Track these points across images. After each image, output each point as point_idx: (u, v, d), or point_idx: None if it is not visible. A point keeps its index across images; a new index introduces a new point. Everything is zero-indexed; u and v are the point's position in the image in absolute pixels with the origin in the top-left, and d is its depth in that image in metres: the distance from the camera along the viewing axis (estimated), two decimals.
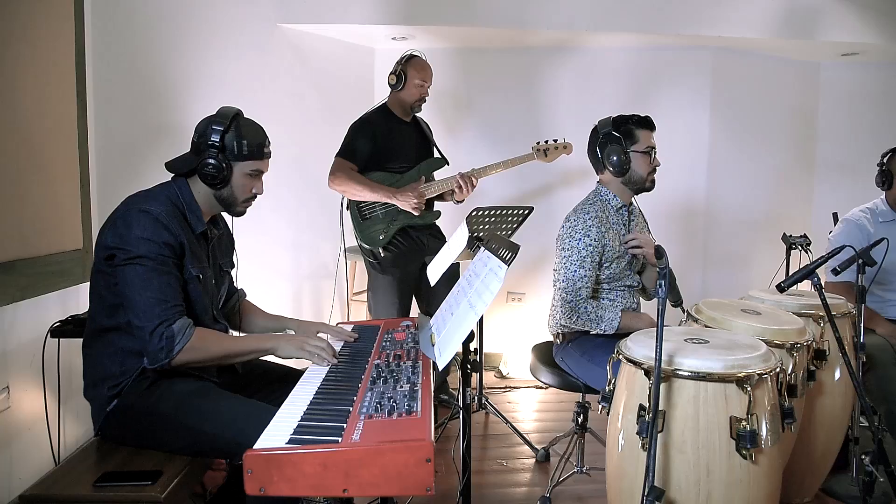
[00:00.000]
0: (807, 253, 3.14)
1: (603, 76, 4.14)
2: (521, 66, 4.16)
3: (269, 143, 1.98)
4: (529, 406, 3.69)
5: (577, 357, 2.44)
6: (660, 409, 1.65)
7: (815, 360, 2.35)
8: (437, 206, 3.35)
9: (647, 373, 1.67)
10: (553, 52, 4.14)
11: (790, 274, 2.13)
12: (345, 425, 1.40)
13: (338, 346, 2.08)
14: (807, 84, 4.44)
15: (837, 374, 2.47)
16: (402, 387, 1.62)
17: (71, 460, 1.81)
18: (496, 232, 3.04)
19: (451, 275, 3.38)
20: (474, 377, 3.25)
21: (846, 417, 2.53)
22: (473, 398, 3.22)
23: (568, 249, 2.40)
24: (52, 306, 2.43)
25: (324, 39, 3.87)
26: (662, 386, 1.65)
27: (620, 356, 1.79)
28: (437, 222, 3.35)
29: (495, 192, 4.07)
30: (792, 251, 3.28)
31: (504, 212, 2.98)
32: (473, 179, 3.18)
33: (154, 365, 1.76)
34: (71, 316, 2.34)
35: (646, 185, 2.53)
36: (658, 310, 1.56)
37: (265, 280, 3.62)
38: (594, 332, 2.42)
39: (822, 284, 2.09)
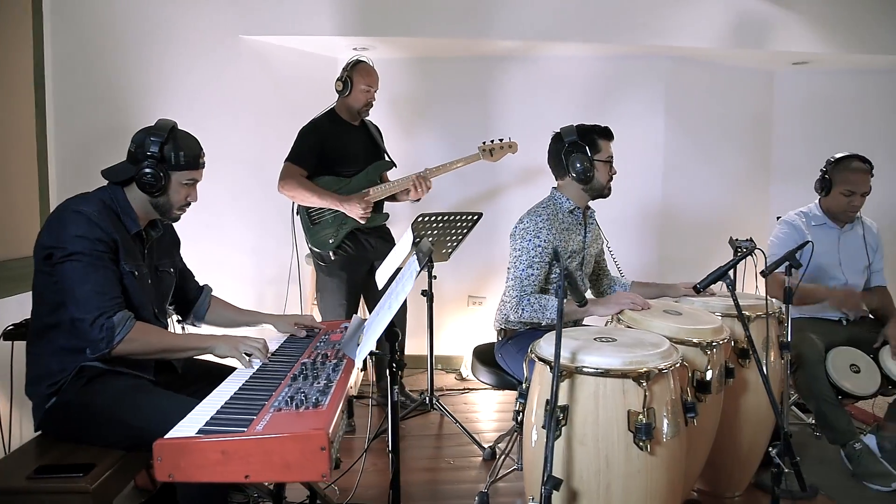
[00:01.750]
0: (752, 256, 3.25)
1: (559, 84, 4.24)
2: (479, 75, 4.27)
3: (204, 154, 2.08)
4: (490, 407, 3.77)
5: (514, 354, 2.53)
6: (563, 403, 1.75)
7: (740, 358, 2.47)
8: (388, 206, 3.43)
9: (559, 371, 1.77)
10: (511, 61, 4.25)
11: (707, 275, 2.23)
12: (254, 417, 1.50)
13: (274, 346, 2.18)
14: (761, 92, 4.56)
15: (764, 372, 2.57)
16: (318, 383, 1.72)
17: (11, 455, 1.90)
18: (444, 238, 3.15)
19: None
20: (425, 378, 3.34)
21: (772, 413, 2.63)
22: (425, 398, 3.31)
23: (519, 249, 2.51)
24: (10, 310, 2.50)
25: (286, 50, 3.97)
26: (566, 382, 1.75)
27: (533, 354, 1.89)
28: (389, 224, 3.44)
29: (450, 196, 4.17)
30: (738, 253, 3.38)
31: (452, 218, 3.07)
32: (428, 180, 3.28)
33: (95, 354, 1.86)
34: (25, 319, 2.42)
35: (604, 193, 2.66)
36: (558, 309, 1.65)
37: (228, 286, 3.70)
38: (545, 324, 2.49)
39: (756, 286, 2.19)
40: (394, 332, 1.95)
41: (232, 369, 2.20)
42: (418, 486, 2.79)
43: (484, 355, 2.70)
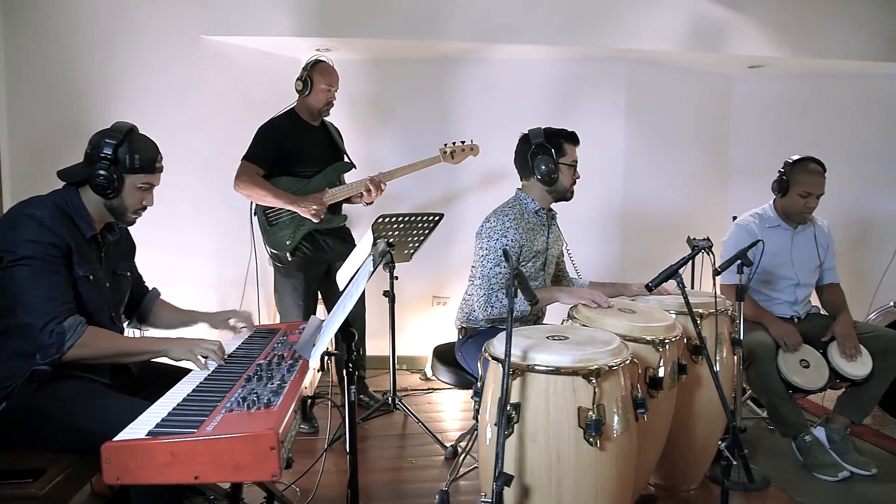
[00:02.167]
0: (709, 255, 3.32)
1: (521, 86, 4.28)
2: (440, 76, 4.29)
3: (161, 158, 2.06)
4: (454, 406, 3.79)
5: (474, 352, 2.55)
6: (515, 401, 1.78)
7: (693, 354, 2.53)
8: (350, 208, 3.44)
9: (511, 369, 1.80)
10: (472, 63, 4.28)
11: (658, 274, 2.29)
12: (205, 418, 1.50)
13: (231, 348, 2.17)
14: (718, 94, 4.66)
15: (717, 368, 2.63)
16: (272, 384, 1.72)
17: None
18: (406, 238, 3.16)
19: None
20: (387, 379, 3.35)
21: (723, 411, 2.69)
22: (387, 399, 3.32)
23: (486, 249, 2.54)
24: None
25: (248, 50, 3.95)
26: (518, 380, 1.78)
27: (487, 353, 1.92)
28: (351, 226, 3.45)
29: (412, 197, 4.20)
30: (696, 253, 3.46)
31: (413, 218, 3.09)
32: (382, 184, 3.29)
33: (46, 360, 1.84)
34: None
35: (567, 196, 2.72)
36: (508, 308, 1.68)
37: (188, 289, 3.68)
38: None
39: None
40: (349, 333, 1.97)
41: (186, 371, 2.20)
42: (381, 486, 2.81)
43: (444, 355, 2.73)
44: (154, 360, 2.14)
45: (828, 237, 3.24)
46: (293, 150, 3.26)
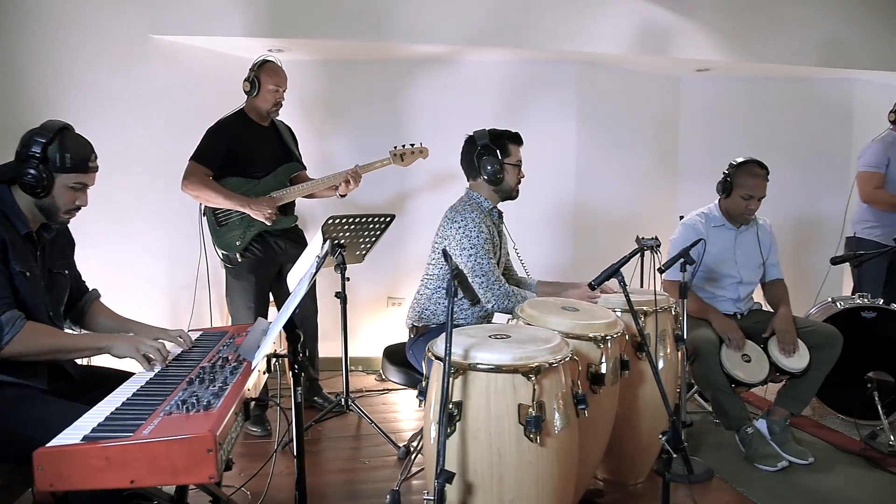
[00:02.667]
0: (656, 254, 3.40)
1: (472, 89, 4.32)
2: (392, 78, 4.31)
3: (96, 157, 2.03)
4: (408, 406, 3.81)
5: (423, 350, 2.57)
6: (457, 400, 1.81)
7: (637, 351, 2.59)
8: (304, 208, 3.44)
9: (453, 368, 1.83)
10: (424, 65, 4.30)
11: (601, 273, 2.34)
12: (143, 422, 1.49)
13: (178, 350, 2.15)
14: (667, 97, 4.78)
15: (661, 364, 2.71)
16: (213, 387, 1.72)
17: None
18: (357, 240, 3.17)
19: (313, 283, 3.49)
20: (340, 380, 3.36)
21: (669, 405, 2.77)
22: (340, 400, 3.33)
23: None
24: None
25: (198, 50, 3.91)
26: (460, 379, 1.81)
27: (430, 353, 1.94)
28: (303, 227, 3.45)
29: (361, 199, 4.19)
30: (645, 252, 3.54)
31: (364, 220, 3.10)
32: (359, 176, 3.33)
33: None
34: None
35: (512, 195, 2.79)
36: (448, 308, 1.71)
37: (138, 292, 3.64)
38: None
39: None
40: (295, 335, 1.98)
41: (128, 374, 2.17)
42: (333, 488, 2.81)
43: (394, 355, 2.74)
44: (95, 364, 2.12)
45: (770, 236, 3.35)
46: (242, 151, 3.24)
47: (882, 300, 3.48)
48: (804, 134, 4.77)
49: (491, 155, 2.66)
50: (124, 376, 2.16)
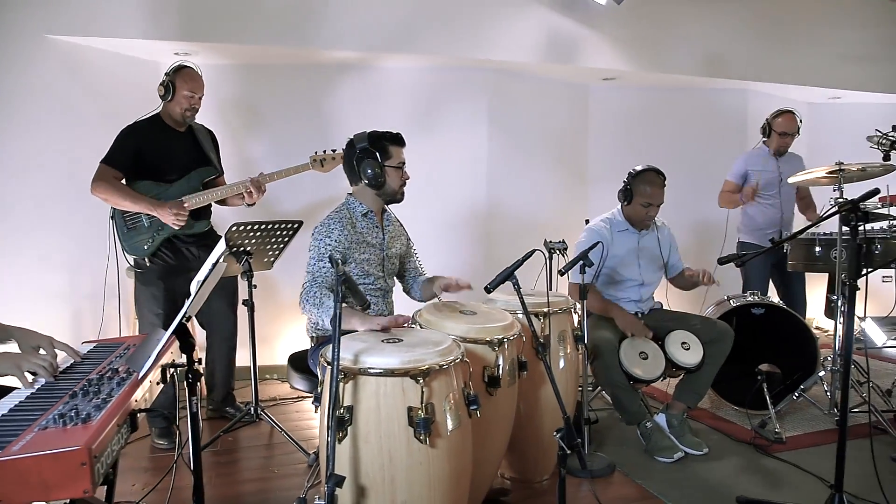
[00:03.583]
0: (564, 256, 3.52)
1: (390, 94, 4.36)
2: (312, 83, 4.30)
3: None
4: None
5: None
6: (348, 404, 1.83)
7: (539, 352, 2.66)
8: (220, 214, 3.39)
9: (344, 373, 1.85)
10: (343, 70, 4.32)
11: (496, 276, 2.41)
12: (14, 438, 1.45)
13: (70, 361, 2.09)
14: (577, 104, 4.94)
15: (561, 364, 2.80)
16: (97, 399, 1.68)
17: None
18: (265, 246, 3.15)
19: (230, 288, 3.44)
20: (249, 389, 3.32)
21: (570, 404, 2.87)
22: (250, 409, 3.29)
23: (313, 248, 2.56)
24: None
25: (100, 52, 3.80)
26: (350, 383, 1.83)
27: (323, 359, 1.96)
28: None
29: (281, 204, 4.19)
30: (553, 255, 3.65)
31: (270, 226, 3.08)
32: (263, 185, 3.30)
33: None
34: None
35: (397, 197, 2.73)
36: (335, 314, 1.73)
37: (36, 303, 3.50)
38: (321, 325, 2.52)
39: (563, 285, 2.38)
40: (189, 344, 1.96)
41: (7, 388, 2.10)
42: (242, 497, 2.79)
43: (298, 362, 2.74)
44: None
45: (669, 238, 3.51)
46: (155, 155, 3.19)
47: (776, 298, 3.71)
48: (703, 141, 5.03)
49: (370, 158, 2.60)
50: (4, 392, 2.10)
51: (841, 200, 3.34)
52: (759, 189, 4.14)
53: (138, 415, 1.81)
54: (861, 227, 2.27)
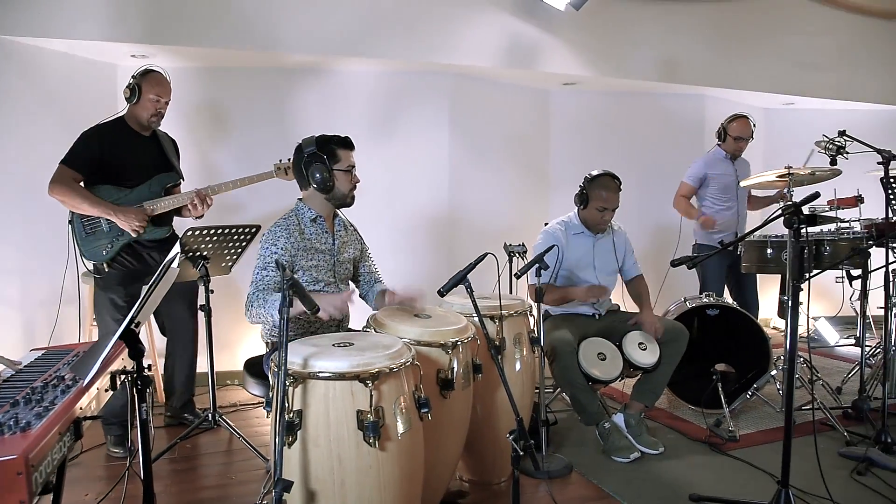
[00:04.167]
0: (523, 259, 3.55)
1: (353, 98, 4.37)
2: (275, 87, 4.28)
3: None
4: None
5: None
6: (298, 408, 1.83)
7: (495, 354, 2.68)
8: (176, 221, 3.36)
9: (293, 377, 1.85)
10: (305, 74, 4.31)
11: (449, 280, 2.42)
12: None
13: (9, 372, 2.05)
14: (539, 108, 4.99)
15: (518, 366, 2.83)
16: (39, 407, 1.66)
17: None
18: (222, 251, 3.13)
19: (191, 293, 3.41)
20: (207, 396, 3.29)
21: (527, 406, 2.90)
22: (207, 416, 3.26)
23: (259, 257, 2.54)
24: None
25: (55, 54, 3.74)
26: (300, 387, 1.83)
27: (273, 364, 1.95)
28: None
29: (247, 209, 4.16)
30: (512, 258, 3.68)
31: (227, 231, 3.06)
32: (208, 198, 3.25)
33: None
34: None
35: (347, 201, 2.69)
36: (281, 319, 1.73)
37: None
38: (270, 321, 2.50)
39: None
40: (138, 350, 1.94)
41: None
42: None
43: (255, 367, 2.72)
44: None
45: (625, 241, 3.56)
46: (117, 159, 3.14)
47: (732, 299, 3.79)
48: (662, 145, 5.12)
49: (319, 162, 2.56)
50: None
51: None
52: (716, 192, 4.24)
53: (88, 422, 1.80)
54: (804, 230, 2.33)
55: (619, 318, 3.47)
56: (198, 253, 3.02)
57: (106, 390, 2.02)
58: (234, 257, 3.22)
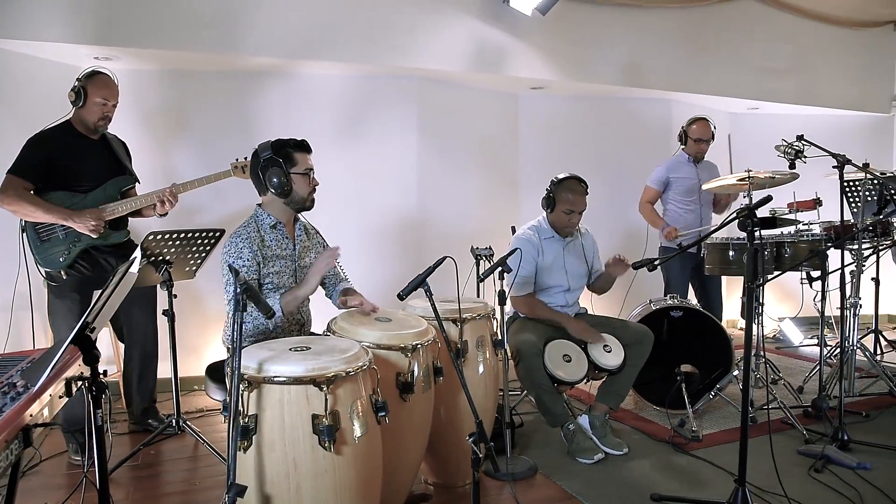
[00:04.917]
0: (489, 262, 3.56)
1: (318, 101, 4.36)
2: (238, 90, 4.26)
3: None
4: None
5: None
6: (253, 413, 1.83)
7: (457, 357, 2.70)
8: (133, 224, 3.32)
9: (248, 382, 1.85)
10: (269, 77, 4.29)
11: (408, 283, 2.43)
12: None
13: None
14: (508, 112, 5.02)
15: (481, 369, 2.84)
16: None
17: None
18: (185, 255, 3.10)
19: (148, 298, 3.38)
20: (185, 401, 3.26)
21: (490, 408, 2.91)
22: (171, 422, 3.23)
23: (225, 275, 2.51)
24: None
25: (14, 55, 3.69)
26: (255, 392, 1.83)
27: (229, 369, 1.94)
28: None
29: (207, 211, 4.14)
30: (479, 261, 3.70)
31: (190, 235, 3.03)
32: (176, 196, 3.24)
33: None
34: None
35: (306, 205, 2.67)
36: (236, 322, 1.72)
37: None
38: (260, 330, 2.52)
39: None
40: (93, 356, 1.92)
41: None
42: None
43: (217, 373, 2.70)
44: None
45: (592, 244, 3.60)
46: (67, 164, 3.10)
47: (697, 301, 3.85)
48: (629, 149, 5.18)
49: (275, 167, 2.54)
50: None
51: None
52: (680, 195, 4.31)
53: (39, 429, 1.77)
54: (758, 233, 2.38)
55: (586, 321, 3.49)
56: (160, 257, 2.99)
57: (60, 397, 2.00)
58: (199, 261, 3.20)
